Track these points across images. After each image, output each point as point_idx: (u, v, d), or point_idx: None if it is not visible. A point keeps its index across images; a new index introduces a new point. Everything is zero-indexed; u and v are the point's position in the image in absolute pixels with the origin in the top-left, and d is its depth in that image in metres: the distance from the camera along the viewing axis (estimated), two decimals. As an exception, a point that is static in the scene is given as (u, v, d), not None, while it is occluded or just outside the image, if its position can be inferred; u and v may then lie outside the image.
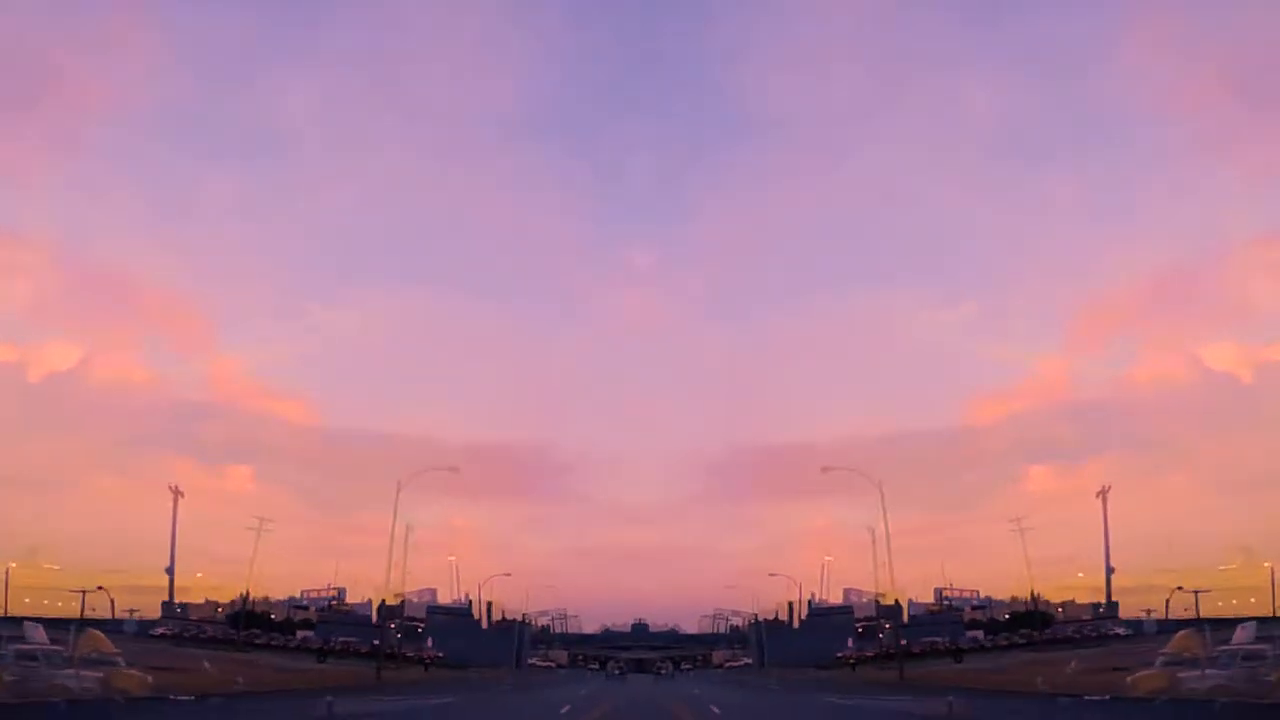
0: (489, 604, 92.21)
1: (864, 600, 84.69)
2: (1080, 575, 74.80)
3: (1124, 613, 67.79)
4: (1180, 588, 60.16)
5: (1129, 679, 29.16)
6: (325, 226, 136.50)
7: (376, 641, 62.29)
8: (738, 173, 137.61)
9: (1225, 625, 33.40)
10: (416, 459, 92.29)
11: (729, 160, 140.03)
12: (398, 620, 75.48)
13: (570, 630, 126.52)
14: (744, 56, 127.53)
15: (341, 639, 72.22)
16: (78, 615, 57.69)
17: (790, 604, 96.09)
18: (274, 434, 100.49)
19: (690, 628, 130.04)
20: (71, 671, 26.01)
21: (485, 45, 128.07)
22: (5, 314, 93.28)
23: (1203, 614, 55.83)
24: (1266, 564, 59.29)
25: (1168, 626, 51.67)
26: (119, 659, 29.31)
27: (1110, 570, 68.67)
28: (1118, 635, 62.11)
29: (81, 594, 60.85)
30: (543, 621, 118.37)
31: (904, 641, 64.01)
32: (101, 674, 26.95)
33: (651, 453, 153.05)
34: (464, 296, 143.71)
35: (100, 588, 61.36)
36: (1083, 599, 74.45)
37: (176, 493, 68.97)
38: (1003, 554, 73.33)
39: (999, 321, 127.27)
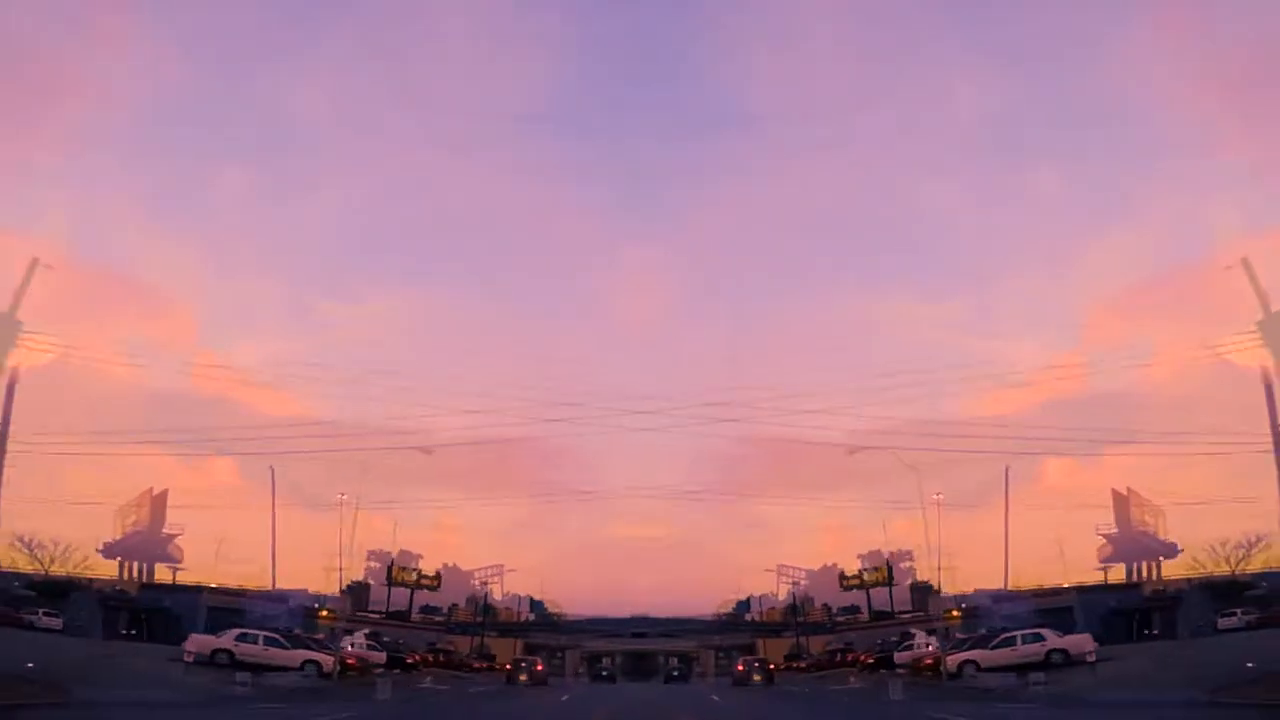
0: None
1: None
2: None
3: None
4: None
5: None
6: (325, 222, 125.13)
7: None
8: (739, 169, 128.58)
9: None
10: (410, 454, 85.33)
11: (731, 157, 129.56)
12: None
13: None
14: (742, 51, 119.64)
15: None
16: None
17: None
18: (267, 429, 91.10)
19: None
20: None
21: (484, 41, 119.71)
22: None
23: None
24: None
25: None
26: None
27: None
28: None
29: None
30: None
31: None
32: None
33: (651, 449, 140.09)
34: (461, 291, 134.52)
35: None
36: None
37: None
38: (1026, 545, 68.19)
39: (1003, 316, 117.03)
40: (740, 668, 57.85)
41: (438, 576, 79.08)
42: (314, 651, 35.55)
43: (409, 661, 46.39)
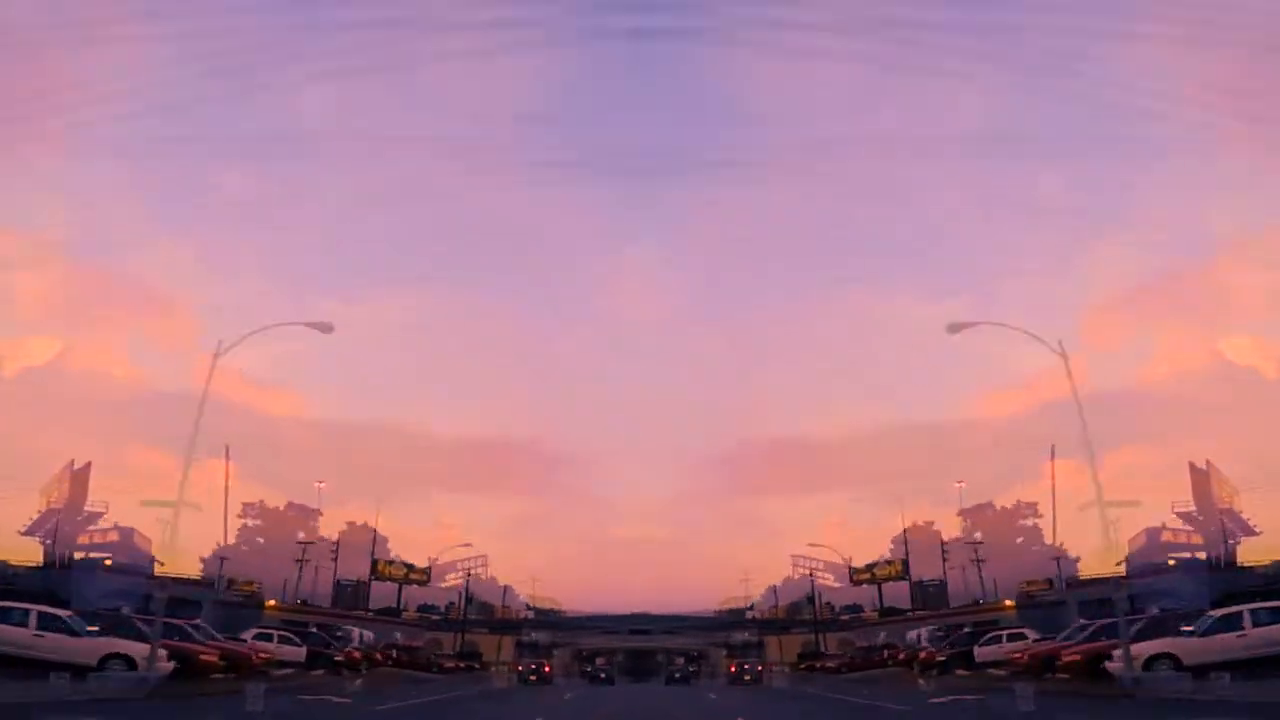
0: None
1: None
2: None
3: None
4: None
5: None
6: (325, 222, 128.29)
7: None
8: (738, 169, 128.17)
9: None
10: (409, 453, 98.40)
11: (729, 156, 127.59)
12: None
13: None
14: (740, 52, 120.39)
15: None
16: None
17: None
18: (263, 428, 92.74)
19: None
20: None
21: (484, 41, 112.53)
22: (10, 312, 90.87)
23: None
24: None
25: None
26: None
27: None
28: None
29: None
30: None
31: None
32: None
33: (651, 448, 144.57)
34: (459, 292, 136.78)
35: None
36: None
37: None
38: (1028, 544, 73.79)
39: (1004, 317, 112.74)
40: (732, 669, 62.99)
41: (427, 571, 76.62)
42: (128, 641, 25.93)
43: (339, 660, 37.94)
